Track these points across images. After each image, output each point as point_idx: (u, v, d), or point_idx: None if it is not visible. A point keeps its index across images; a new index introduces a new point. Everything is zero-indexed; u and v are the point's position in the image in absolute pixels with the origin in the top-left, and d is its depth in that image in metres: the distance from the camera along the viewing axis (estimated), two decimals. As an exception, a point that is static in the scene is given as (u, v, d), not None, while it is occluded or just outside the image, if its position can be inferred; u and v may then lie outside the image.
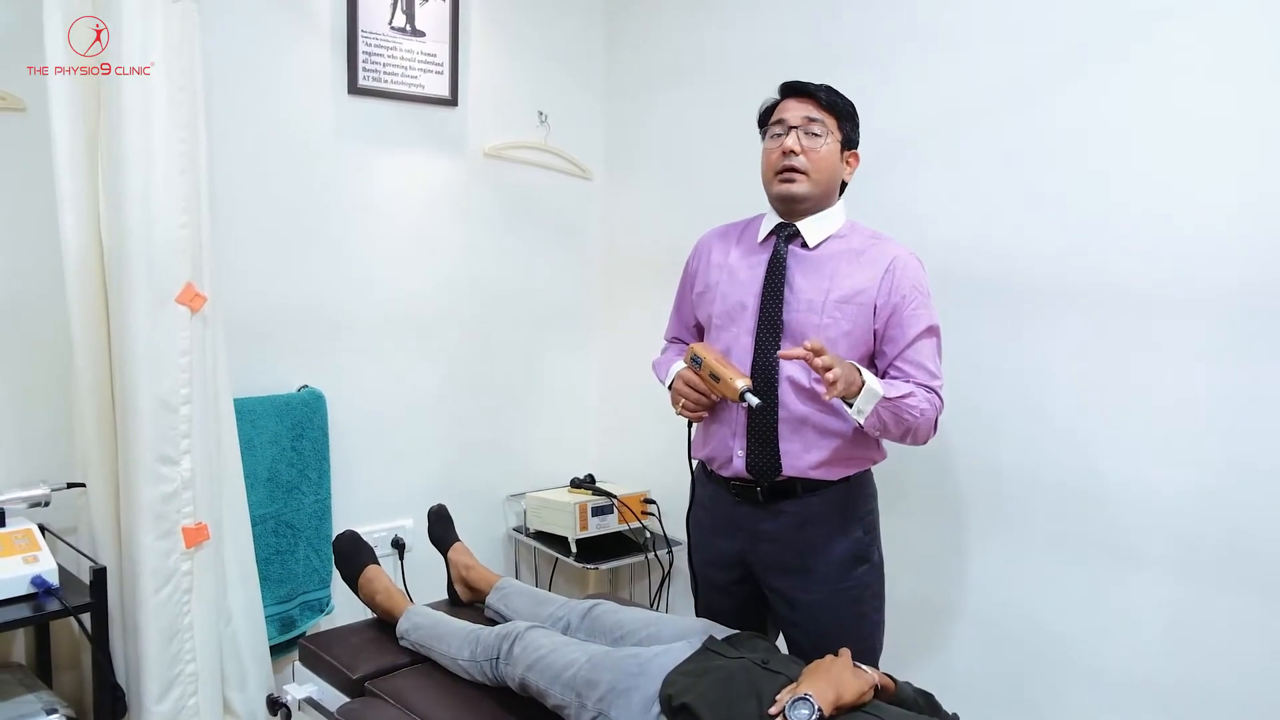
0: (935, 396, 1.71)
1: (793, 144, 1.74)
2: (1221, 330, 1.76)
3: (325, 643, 2.01)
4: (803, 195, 1.75)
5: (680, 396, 1.81)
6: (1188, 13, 1.76)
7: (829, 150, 1.76)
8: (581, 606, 1.91)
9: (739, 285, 1.82)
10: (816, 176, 1.75)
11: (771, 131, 1.80)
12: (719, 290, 1.85)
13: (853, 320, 1.72)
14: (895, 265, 1.74)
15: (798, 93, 1.79)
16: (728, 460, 1.80)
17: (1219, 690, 1.79)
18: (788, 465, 1.75)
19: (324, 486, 2.40)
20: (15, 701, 1.80)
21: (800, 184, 1.75)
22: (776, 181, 1.77)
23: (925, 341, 1.73)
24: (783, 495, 1.77)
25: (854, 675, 1.42)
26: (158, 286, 1.82)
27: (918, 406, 1.67)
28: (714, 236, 1.96)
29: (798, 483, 1.76)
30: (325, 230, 2.41)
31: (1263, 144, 1.69)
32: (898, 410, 1.65)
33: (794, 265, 1.78)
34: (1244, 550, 1.75)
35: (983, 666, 2.13)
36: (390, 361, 2.57)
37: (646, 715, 1.51)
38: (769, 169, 1.79)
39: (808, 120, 1.75)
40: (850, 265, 1.75)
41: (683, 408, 1.82)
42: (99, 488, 1.90)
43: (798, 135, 1.75)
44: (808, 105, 1.76)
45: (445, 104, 2.57)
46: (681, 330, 2.03)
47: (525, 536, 2.78)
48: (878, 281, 1.73)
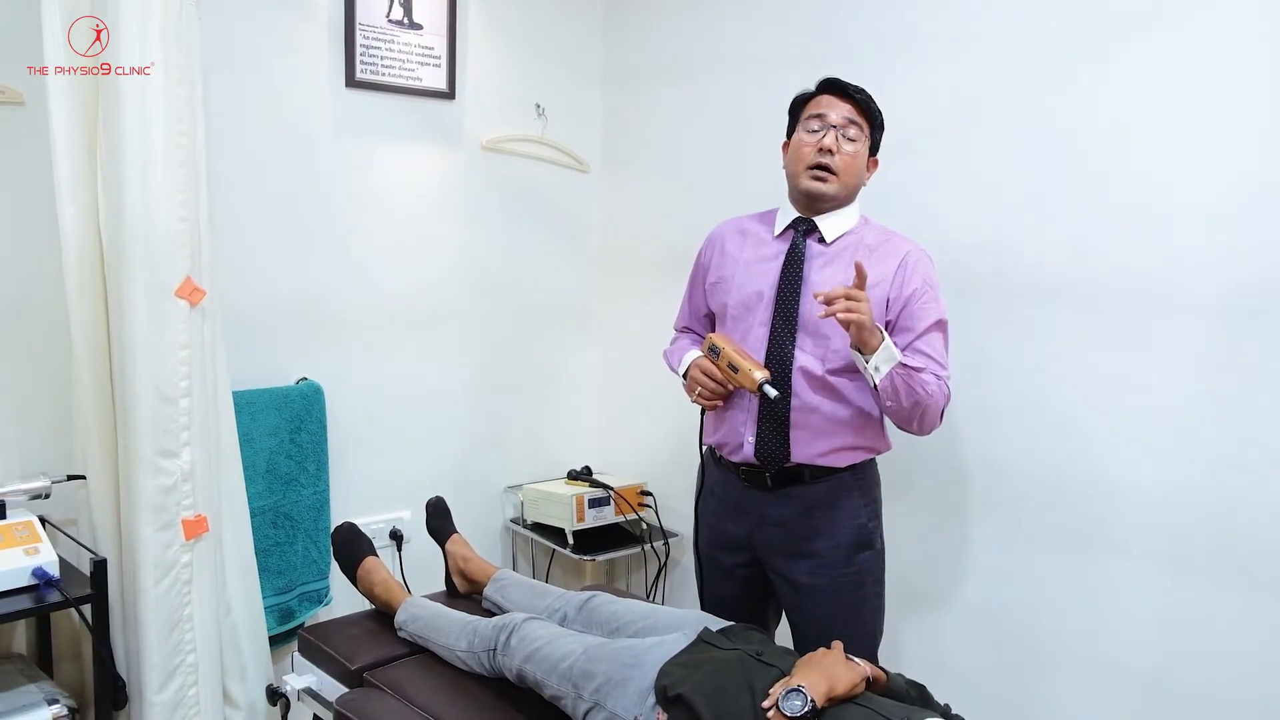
0: (943, 385, 1.76)
1: (831, 143, 1.77)
2: (1214, 330, 1.77)
3: (324, 633, 2.02)
4: (830, 195, 1.80)
5: (697, 385, 1.84)
6: (1187, 13, 1.76)
7: (860, 155, 1.80)
8: (578, 598, 1.92)
9: (755, 277, 1.85)
10: (845, 179, 1.79)
11: (808, 125, 1.81)
12: (734, 282, 1.88)
13: None
14: (907, 260, 1.78)
15: (840, 91, 1.80)
16: (738, 446, 1.83)
17: (1207, 681, 1.82)
18: (797, 453, 1.79)
19: (322, 479, 2.42)
20: (17, 691, 1.81)
21: (830, 184, 1.79)
22: (807, 176, 1.80)
23: (934, 334, 1.77)
24: (791, 481, 1.82)
25: (846, 667, 1.44)
26: (157, 280, 1.82)
27: (930, 384, 1.71)
28: (728, 228, 1.97)
29: (805, 469, 1.80)
30: (323, 223, 2.42)
31: (1260, 144, 1.70)
32: (911, 380, 1.69)
33: (811, 259, 1.81)
34: (1232, 545, 1.78)
35: (976, 657, 2.16)
36: (388, 354, 2.58)
37: (642, 706, 1.52)
38: (800, 161, 1.81)
39: (848, 122, 1.78)
40: (864, 260, 1.77)
41: (698, 396, 1.85)
42: (99, 480, 1.91)
43: (837, 136, 1.78)
44: (849, 107, 1.79)
45: (443, 97, 2.58)
46: (693, 320, 2.05)
47: (523, 528, 2.80)
48: (890, 276, 1.77)
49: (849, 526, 1.83)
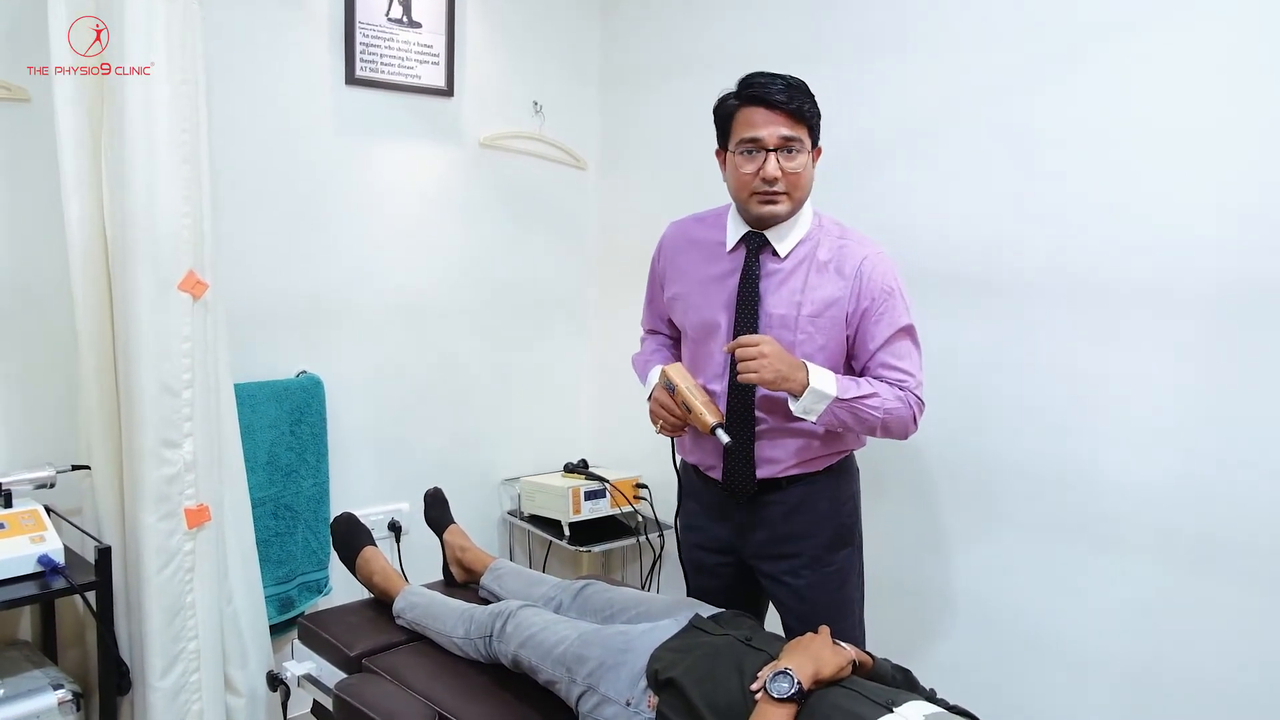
0: (910, 395, 1.72)
1: (773, 171, 1.66)
2: (1200, 326, 1.80)
3: (324, 621, 2.06)
4: (785, 215, 1.73)
5: (657, 418, 1.82)
6: (1170, 13, 1.79)
7: (805, 164, 1.70)
8: (573, 587, 1.96)
9: (710, 300, 1.80)
10: (797, 195, 1.71)
11: (741, 149, 1.69)
12: (690, 302, 1.84)
13: (826, 334, 1.73)
14: (863, 269, 1.71)
15: (768, 104, 1.65)
16: (710, 467, 1.85)
17: (1193, 674, 1.85)
18: (764, 470, 1.79)
19: (322, 470, 2.45)
20: (23, 677, 1.85)
21: (782, 204, 1.71)
22: (755, 203, 1.71)
23: (898, 343, 1.73)
24: (769, 489, 1.82)
25: (833, 651, 1.47)
26: (161, 274, 1.85)
27: (881, 406, 1.68)
28: (678, 236, 1.91)
29: (781, 478, 1.80)
30: (323, 219, 2.45)
31: (1245, 144, 1.72)
32: (855, 410, 1.67)
33: (765, 278, 1.76)
34: (1219, 539, 1.80)
35: (961, 649, 2.19)
36: (387, 348, 2.62)
37: (634, 689, 1.56)
38: (743, 188, 1.71)
39: (784, 140, 1.66)
40: (819, 276, 1.73)
41: (660, 428, 1.83)
42: (103, 470, 1.95)
43: (776, 159, 1.66)
44: (780, 121, 1.65)
45: (441, 94, 2.61)
46: (657, 322, 2.04)
47: (519, 520, 2.83)
48: (847, 291, 1.72)
49: (830, 525, 1.83)
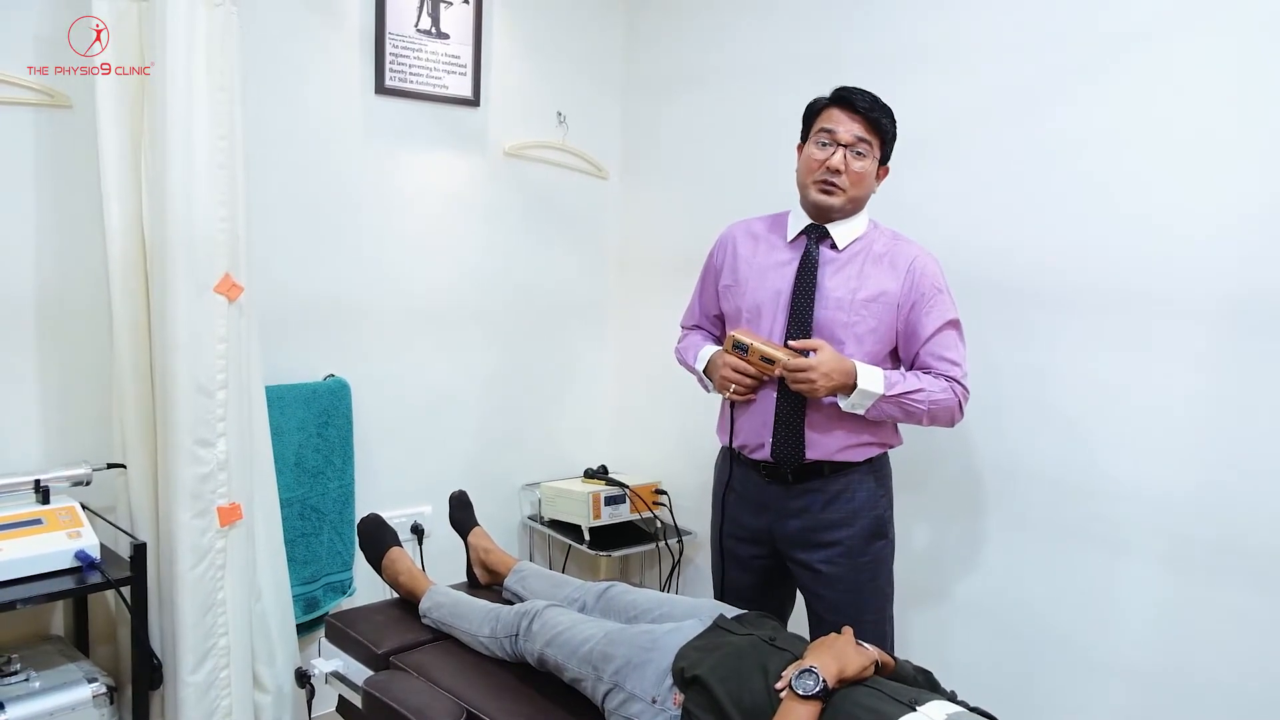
0: (956, 384, 1.84)
1: (839, 163, 1.83)
2: (1216, 334, 1.82)
3: (351, 620, 2.08)
4: (838, 208, 1.87)
5: (730, 382, 1.88)
6: (1188, 23, 1.82)
7: (868, 170, 1.85)
8: (597, 588, 1.98)
9: (770, 282, 1.91)
10: (853, 193, 1.86)
11: (818, 139, 1.86)
12: (748, 286, 1.94)
13: (878, 318, 1.85)
14: (914, 266, 1.86)
15: (851, 107, 1.83)
16: (758, 446, 1.91)
17: (1209, 679, 1.86)
18: (813, 451, 1.86)
19: (348, 472, 2.48)
20: (58, 670, 1.89)
21: (837, 197, 1.85)
22: (815, 189, 1.86)
23: (946, 333, 1.85)
24: (810, 475, 1.89)
25: (857, 651, 1.49)
26: (197, 276, 1.90)
27: (926, 399, 1.81)
28: (740, 231, 2.03)
29: (824, 464, 1.88)
30: (353, 225, 2.50)
31: (1261, 154, 1.75)
32: (904, 404, 1.80)
33: (824, 265, 1.88)
34: (1234, 545, 1.82)
35: (980, 651, 2.20)
36: (413, 353, 2.65)
37: (659, 687, 1.58)
38: (808, 173, 1.87)
39: (857, 140, 1.83)
40: (874, 267, 1.86)
41: (734, 392, 1.89)
42: (138, 468, 1.99)
43: (845, 154, 1.83)
44: (859, 124, 1.83)
45: (468, 104, 2.66)
46: (702, 319, 2.11)
47: (540, 524, 2.86)
48: (900, 282, 1.85)
49: (867, 517, 1.90)
